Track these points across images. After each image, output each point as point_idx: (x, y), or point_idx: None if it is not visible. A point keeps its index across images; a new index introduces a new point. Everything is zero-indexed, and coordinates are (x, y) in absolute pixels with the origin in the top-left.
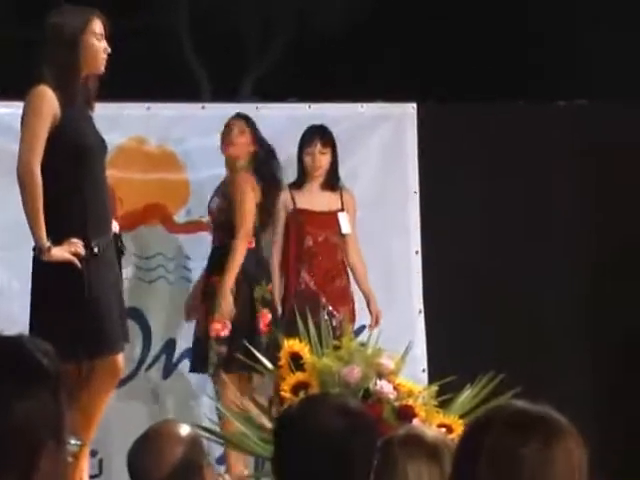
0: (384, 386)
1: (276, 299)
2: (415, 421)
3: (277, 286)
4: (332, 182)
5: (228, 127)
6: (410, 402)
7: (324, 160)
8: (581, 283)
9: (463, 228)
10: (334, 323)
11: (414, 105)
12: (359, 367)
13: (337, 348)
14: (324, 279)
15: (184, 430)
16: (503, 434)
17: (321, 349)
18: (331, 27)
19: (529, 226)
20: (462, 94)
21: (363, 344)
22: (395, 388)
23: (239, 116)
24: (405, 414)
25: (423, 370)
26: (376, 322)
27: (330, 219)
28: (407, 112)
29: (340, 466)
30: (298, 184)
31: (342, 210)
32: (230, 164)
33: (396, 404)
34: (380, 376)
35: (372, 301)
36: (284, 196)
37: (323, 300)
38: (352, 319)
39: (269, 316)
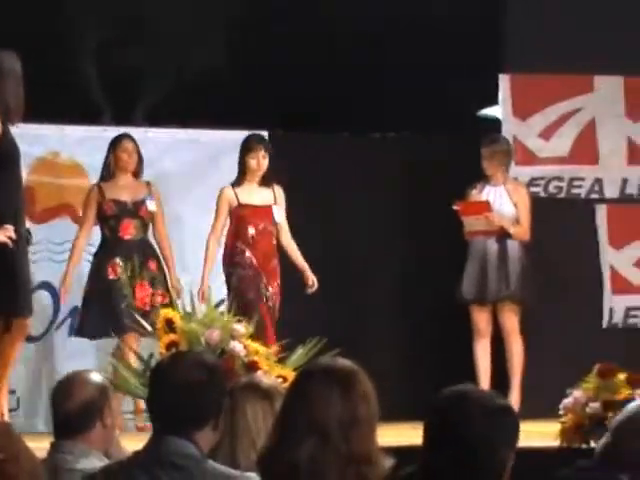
0: (236, 346)
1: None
2: (259, 372)
3: (208, 269)
4: (267, 181)
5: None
6: (256, 358)
7: (265, 163)
8: (396, 270)
9: (307, 230)
10: (268, 294)
11: (266, 132)
12: (218, 331)
13: None
14: (263, 260)
15: (94, 377)
16: (318, 381)
17: (189, 316)
18: (207, 64)
19: (356, 229)
20: (307, 124)
21: (222, 313)
22: (245, 347)
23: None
24: (251, 367)
25: None
26: (312, 286)
27: (267, 211)
28: None
29: (198, 407)
30: (239, 183)
31: (275, 203)
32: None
33: (245, 359)
34: (234, 338)
35: (307, 270)
36: (229, 193)
37: (262, 274)
38: (280, 292)
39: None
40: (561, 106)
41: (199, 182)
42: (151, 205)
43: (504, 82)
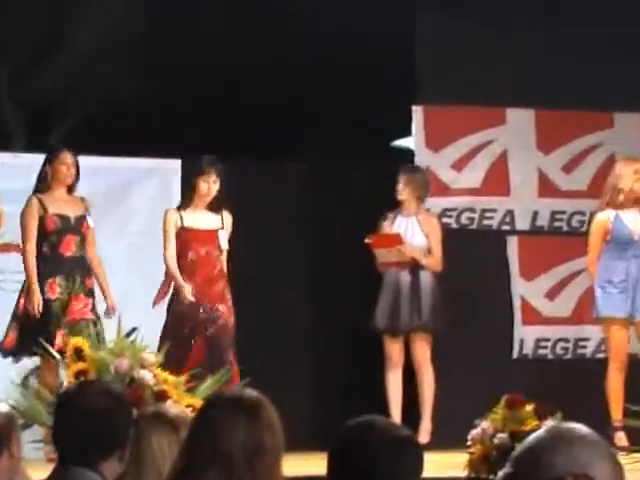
0: (145, 375)
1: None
2: (169, 402)
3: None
4: (217, 205)
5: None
6: (165, 387)
7: (216, 188)
8: (310, 300)
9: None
10: (216, 314)
11: (179, 161)
12: (127, 360)
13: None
14: (203, 285)
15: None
16: (223, 410)
17: (99, 345)
18: (121, 94)
19: (269, 259)
20: (224, 152)
21: (133, 341)
22: (154, 376)
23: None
24: (160, 396)
25: None
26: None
27: (211, 235)
28: (173, 167)
29: (104, 437)
30: (185, 205)
31: (222, 228)
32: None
33: (155, 388)
34: (143, 367)
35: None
36: (173, 216)
37: (201, 303)
38: (229, 314)
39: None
40: (473, 138)
41: (112, 209)
42: (91, 221)
43: (417, 114)
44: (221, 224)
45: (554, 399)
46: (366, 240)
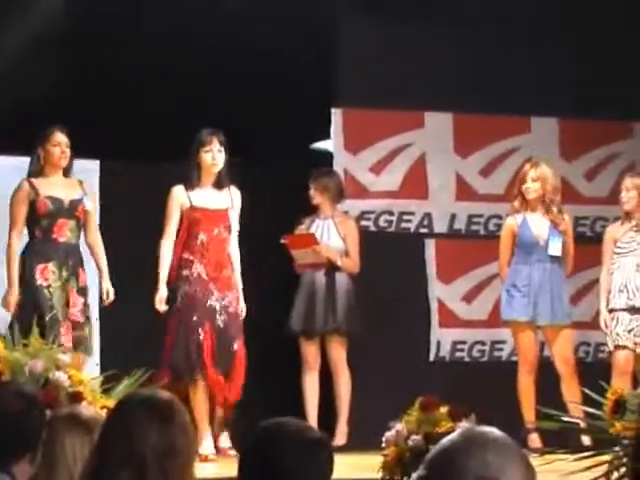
0: (60, 376)
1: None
2: (83, 403)
3: (163, 275)
4: (223, 182)
5: None
6: (80, 389)
7: (221, 158)
8: None
9: (136, 263)
10: (224, 302)
11: (97, 162)
12: (42, 361)
13: None
14: (214, 269)
15: None
16: (136, 411)
17: (13, 345)
18: (37, 94)
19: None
20: (135, 155)
21: (47, 343)
22: (69, 378)
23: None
24: (75, 398)
25: (97, 364)
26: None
27: (221, 216)
28: (92, 167)
29: (15, 439)
30: (192, 184)
31: (232, 207)
32: None
33: (69, 390)
34: (58, 368)
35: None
36: (180, 194)
37: (212, 287)
38: (238, 301)
39: None
40: (392, 141)
41: None
42: (88, 204)
43: (336, 116)
44: (230, 202)
45: (470, 401)
46: (282, 240)
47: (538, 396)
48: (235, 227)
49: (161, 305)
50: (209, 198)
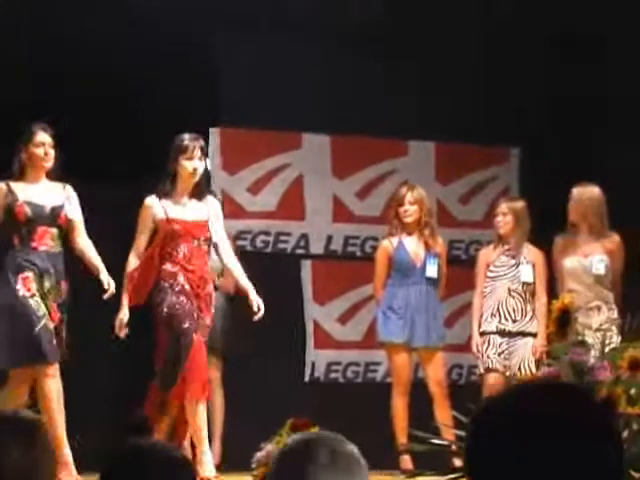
0: None
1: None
2: None
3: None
4: (201, 191)
5: None
6: None
7: (202, 167)
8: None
9: None
10: (204, 325)
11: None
12: None
13: None
14: (198, 285)
15: None
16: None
17: None
18: None
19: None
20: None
21: None
22: None
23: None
24: None
25: None
26: (258, 309)
27: (201, 227)
28: None
29: None
30: (166, 193)
31: (211, 219)
32: None
33: None
34: None
35: (252, 292)
36: (154, 205)
37: (195, 304)
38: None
39: None
40: (270, 162)
41: None
42: (71, 212)
43: (214, 136)
44: (208, 213)
45: (344, 422)
46: None
47: (411, 418)
48: (223, 236)
49: (121, 330)
50: (187, 209)
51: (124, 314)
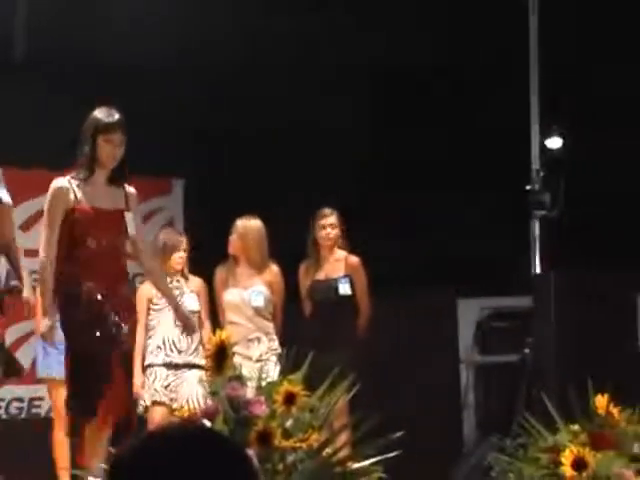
0: None
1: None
2: None
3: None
4: (121, 176)
5: None
6: None
7: (121, 152)
8: None
9: None
10: (121, 335)
11: None
12: None
13: None
14: (109, 285)
15: None
16: None
17: None
18: None
19: None
20: None
21: None
22: None
23: None
24: None
25: None
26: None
27: (115, 218)
28: None
29: None
30: (82, 176)
31: (127, 209)
32: None
33: None
34: None
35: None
36: (64, 187)
37: (108, 309)
38: (134, 330)
39: None
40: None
41: None
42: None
43: None
44: (125, 202)
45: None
46: None
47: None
48: (132, 232)
49: (52, 336)
50: (101, 195)
51: (48, 321)
